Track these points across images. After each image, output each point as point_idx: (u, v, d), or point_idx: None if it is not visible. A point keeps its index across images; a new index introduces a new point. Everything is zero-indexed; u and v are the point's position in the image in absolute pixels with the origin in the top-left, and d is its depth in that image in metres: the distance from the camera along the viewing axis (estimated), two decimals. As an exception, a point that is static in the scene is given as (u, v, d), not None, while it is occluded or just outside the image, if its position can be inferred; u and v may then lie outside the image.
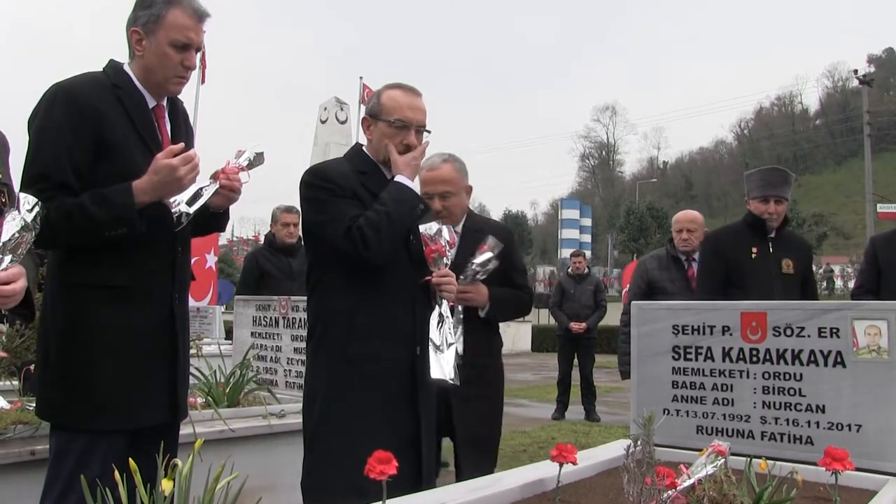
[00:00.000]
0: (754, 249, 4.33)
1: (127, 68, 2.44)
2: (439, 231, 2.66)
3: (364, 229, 2.46)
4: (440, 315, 2.61)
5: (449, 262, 2.70)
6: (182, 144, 2.36)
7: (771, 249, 4.34)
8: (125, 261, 2.30)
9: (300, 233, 5.94)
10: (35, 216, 1.76)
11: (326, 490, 2.47)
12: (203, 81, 24.55)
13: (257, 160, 2.65)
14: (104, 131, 2.27)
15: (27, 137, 2.30)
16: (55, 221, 2.13)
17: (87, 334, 2.26)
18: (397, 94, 2.69)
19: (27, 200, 1.76)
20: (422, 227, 2.67)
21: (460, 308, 2.82)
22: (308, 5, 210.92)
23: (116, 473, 1.32)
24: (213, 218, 2.62)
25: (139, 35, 2.38)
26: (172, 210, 2.32)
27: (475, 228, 3.31)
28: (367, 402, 2.53)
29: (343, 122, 20.04)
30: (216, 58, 22.10)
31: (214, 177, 2.51)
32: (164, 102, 2.51)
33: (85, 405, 2.25)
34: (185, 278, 2.56)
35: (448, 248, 2.67)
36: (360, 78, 25.16)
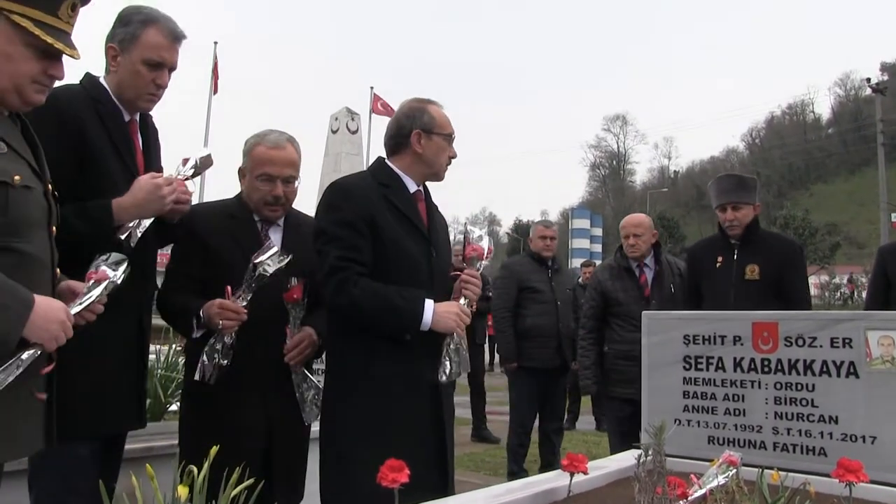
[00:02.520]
0: (719, 258, 4.37)
1: (103, 82, 2.48)
2: (481, 237, 2.85)
3: (357, 289, 2.48)
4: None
5: (482, 267, 2.79)
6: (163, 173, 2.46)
7: (735, 256, 4.32)
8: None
9: None
10: (123, 272, 1.94)
11: (354, 501, 2.43)
12: (215, 92, 24.81)
13: (204, 164, 2.66)
14: (85, 143, 2.33)
15: None
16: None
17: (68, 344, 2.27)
18: (439, 112, 2.80)
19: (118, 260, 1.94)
20: (468, 228, 2.89)
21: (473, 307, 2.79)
22: (319, 16, 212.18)
23: (102, 486, 1.33)
24: (168, 228, 2.64)
25: (115, 51, 2.44)
26: (122, 230, 2.33)
27: (296, 223, 3.04)
28: (393, 413, 2.54)
29: (354, 132, 20.12)
30: (227, 69, 22.21)
31: None
32: (136, 117, 2.56)
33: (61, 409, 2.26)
34: (152, 289, 2.65)
35: (486, 254, 2.81)
36: (371, 88, 25.30)
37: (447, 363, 2.57)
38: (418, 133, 2.72)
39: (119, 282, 1.96)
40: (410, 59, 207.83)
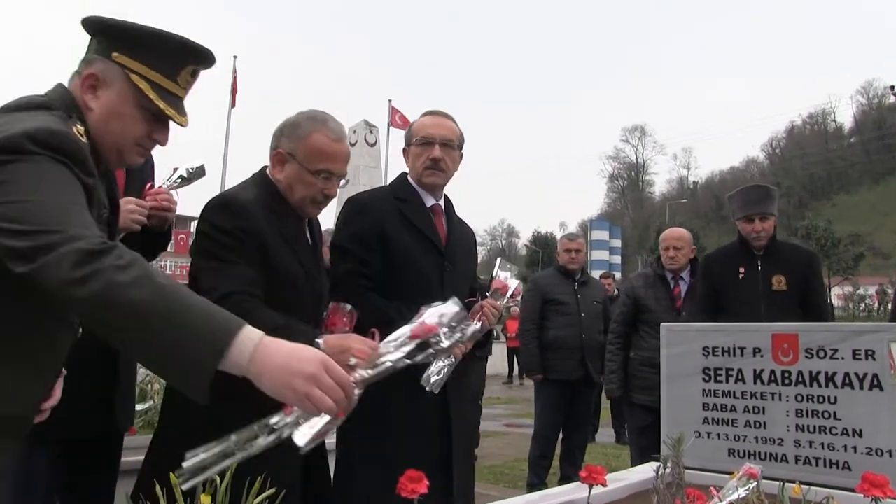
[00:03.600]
0: (741, 269, 4.32)
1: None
2: (508, 276, 2.81)
3: (361, 302, 2.41)
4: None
5: (504, 302, 2.76)
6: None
7: (760, 267, 4.29)
8: None
9: None
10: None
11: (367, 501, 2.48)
12: (234, 106, 25.05)
13: (196, 174, 2.70)
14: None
15: None
16: None
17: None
18: (423, 118, 2.90)
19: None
20: (502, 263, 2.83)
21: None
22: (337, 30, 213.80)
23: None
24: (157, 237, 2.66)
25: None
26: None
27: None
28: (399, 415, 2.57)
29: (372, 145, 20.28)
30: (246, 83, 22.46)
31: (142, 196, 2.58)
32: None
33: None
34: None
35: (511, 292, 2.77)
36: (389, 101, 25.50)
37: (435, 376, 2.44)
38: (406, 149, 2.90)
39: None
40: (429, 71, 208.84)
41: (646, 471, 2.52)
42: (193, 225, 3.03)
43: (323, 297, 2.41)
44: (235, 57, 23.42)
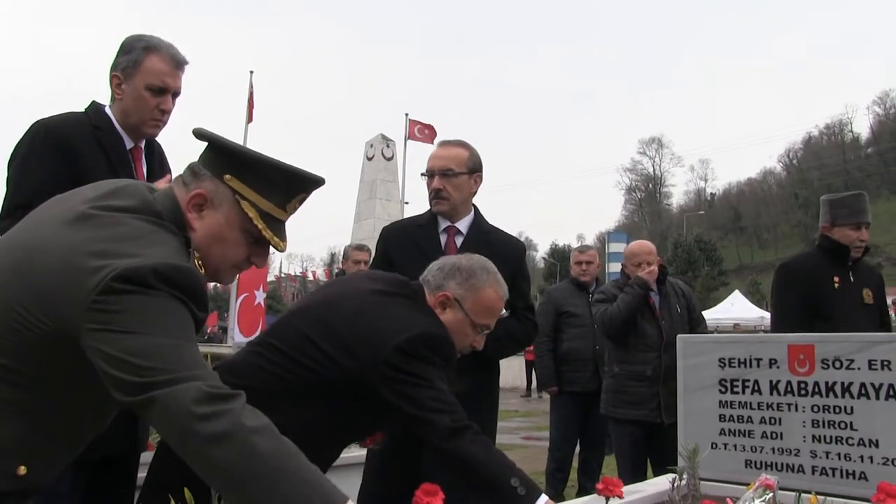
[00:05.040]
0: (836, 279, 4.06)
1: (108, 110, 2.54)
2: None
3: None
4: None
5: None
6: None
7: (852, 279, 4.10)
8: None
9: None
10: None
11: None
12: (251, 120, 25.20)
13: None
14: (80, 170, 2.34)
15: (6, 171, 2.44)
16: None
17: None
18: (433, 150, 3.16)
19: None
20: None
21: None
22: (354, 43, 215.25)
23: None
24: None
25: (119, 79, 2.49)
26: None
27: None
28: None
29: (389, 159, 20.37)
30: (262, 98, 22.56)
31: None
32: (142, 144, 2.60)
33: None
34: None
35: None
36: (406, 114, 25.60)
37: None
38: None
39: None
40: (446, 84, 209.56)
41: (662, 483, 2.53)
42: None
43: None
44: (252, 72, 23.57)
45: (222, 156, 1.63)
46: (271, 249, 1.74)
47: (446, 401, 2.05)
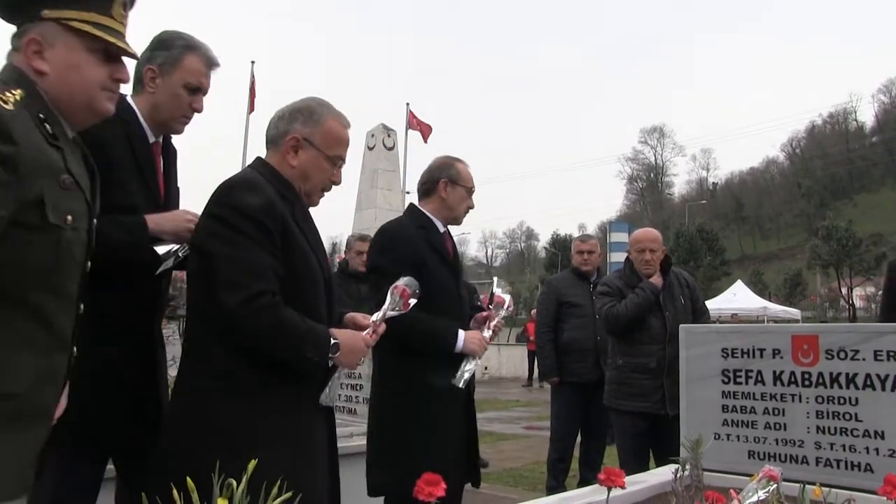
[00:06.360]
0: None
1: (131, 101, 2.50)
2: (503, 291, 3.37)
3: (410, 317, 2.64)
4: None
5: (502, 314, 3.30)
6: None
7: None
8: (110, 290, 2.28)
9: None
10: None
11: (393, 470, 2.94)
12: (252, 110, 25.16)
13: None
14: (109, 160, 2.30)
15: None
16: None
17: (77, 359, 2.32)
18: (465, 167, 3.35)
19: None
20: (497, 281, 3.46)
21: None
22: (354, 32, 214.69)
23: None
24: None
25: (154, 73, 2.47)
26: (165, 251, 2.36)
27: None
28: (440, 408, 3.05)
29: (390, 149, 20.27)
30: (263, 87, 22.45)
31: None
32: (160, 139, 2.58)
33: (64, 426, 2.30)
34: (163, 309, 2.64)
35: (507, 305, 3.33)
36: (407, 104, 25.51)
37: (465, 374, 3.07)
38: (445, 182, 3.25)
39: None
40: (447, 74, 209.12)
41: (664, 473, 2.51)
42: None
43: (333, 284, 2.39)
44: (253, 62, 23.51)
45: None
46: None
47: (249, 269, 2.05)
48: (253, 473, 1.36)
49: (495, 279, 3.36)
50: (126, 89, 2.50)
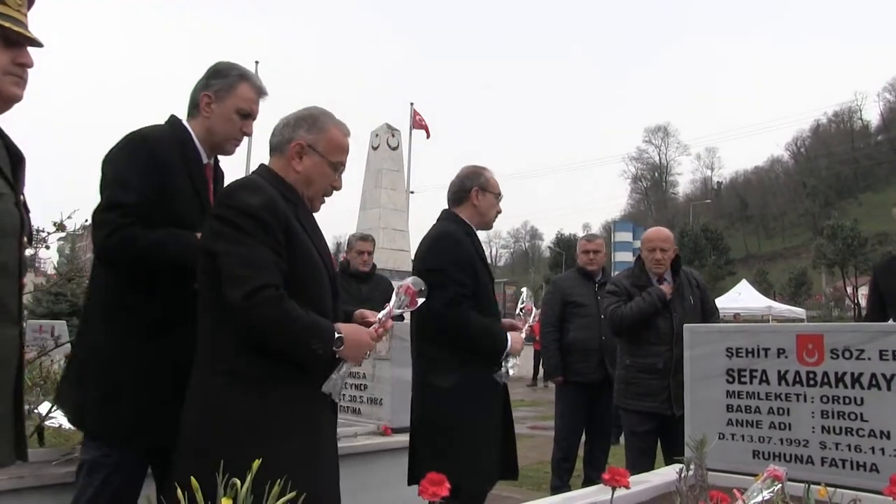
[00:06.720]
0: None
1: (187, 125, 2.71)
2: (530, 299, 3.63)
3: (472, 317, 3.25)
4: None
5: (532, 320, 3.59)
6: None
7: None
8: (160, 292, 2.51)
9: (374, 261, 6.42)
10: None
11: (476, 473, 3.18)
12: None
13: None
14: (168, 181, 2.54)
15: (100, 171, 2.61)
16: (143, 246, 2.42)
17: (134, 359, 2.45)
18: (492, 174, 3.61)
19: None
20: (523, 291, 3.76)
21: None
22: (358, 32, 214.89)
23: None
24: None
25: (209, 99, 2.69)
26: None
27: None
28: (485, 403, 3.30)
29: (395, 149, 20.29)
30: (268, 87, 22.43)
31: None
32: (212, 161, 2.79)
33: (126, 424, 2.44)
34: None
35: (534, 313, 3.63)
36: (411, 104, 25.52)
37: (510, 371, 3.35)
38: (477, 189, 3.51)
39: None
40: (451, 74, 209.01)
41: (669, 473, 2.50)
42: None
43: (338, 283, 2.46)
44: (257, 62, 23.58)
45: None
46: None
47: (251, 264, 2.11)
48: (264, 465, 1.39)
49: (524, 290, 3.68)
50: (181, 114, 2.74)
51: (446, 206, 3.62)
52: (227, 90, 2.68)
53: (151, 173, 2.51)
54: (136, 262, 2.46)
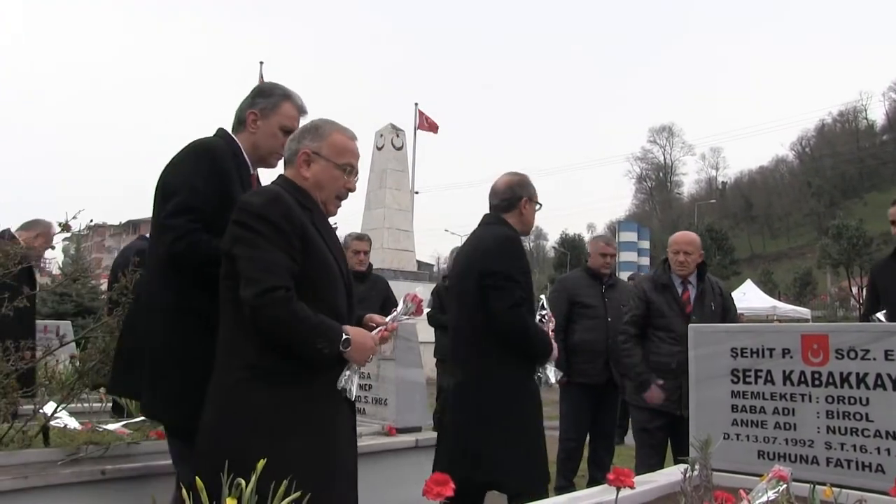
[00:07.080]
0: None
1: (235, 138, 2.91)
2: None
3: (530, 320, 3.45)
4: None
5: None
6: None
7: None
8: (211, 294, 2.55)
9: (370, 260, 6.42)
10: None
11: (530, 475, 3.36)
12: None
13: None
14: (227, 189, 2.71)
15: (160, 180, 2.81)
16: (210, 251, 2.51)
17: (207, 357, 2.48)
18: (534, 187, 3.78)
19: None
20: (544, 301, 3.77)
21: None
22: (363, 32, 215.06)
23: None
24: None
25: (256, 116, 2.90)
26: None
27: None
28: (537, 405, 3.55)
29: (399, 149, 20.32)
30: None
31: None
32: (256, 172, 2.99)
33: (176, 410, 2.59)
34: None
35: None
36: (416, 104, 25.54)
37: (550, 375, 3.56)
38: (526, 199, 3.64)
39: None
40: (455, 74, 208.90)
41: (674, 473, 2.50)
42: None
43: (352, 286, 2.53)
44: (262, 62, 23.56)
45: None
46: None
47: (265, 266, 2.22)
48: (282, 459, 1.41)
49: (543, 297, 3.83)
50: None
51: (489, 211, 3.69)
52: (271, 108, 2.91)
53: (215, 180, 2.70)
54: (201, 266, 2.59)
